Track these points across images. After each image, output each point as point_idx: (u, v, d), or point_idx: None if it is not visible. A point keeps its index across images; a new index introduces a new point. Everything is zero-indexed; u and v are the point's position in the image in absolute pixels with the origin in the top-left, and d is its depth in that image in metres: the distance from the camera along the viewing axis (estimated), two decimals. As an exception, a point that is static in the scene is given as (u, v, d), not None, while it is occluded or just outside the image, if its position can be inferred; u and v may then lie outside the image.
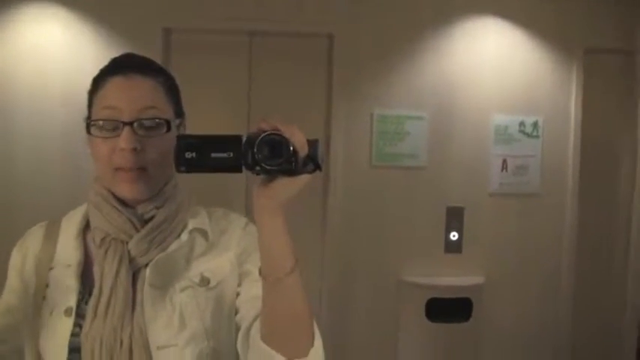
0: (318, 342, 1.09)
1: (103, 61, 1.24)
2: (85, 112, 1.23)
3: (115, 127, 1.15)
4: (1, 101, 3.30)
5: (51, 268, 1.23)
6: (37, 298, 1.21)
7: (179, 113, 1.24)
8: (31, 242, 1.28)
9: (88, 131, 1.18)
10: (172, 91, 1.24)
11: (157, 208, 1.21)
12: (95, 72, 1.23)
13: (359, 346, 3.43)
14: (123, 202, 1.20)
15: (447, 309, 3.25)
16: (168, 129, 1.18)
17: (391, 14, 3.35)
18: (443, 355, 3.26)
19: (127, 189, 1.17)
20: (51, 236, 1.27)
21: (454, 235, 3.36)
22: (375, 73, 3.38)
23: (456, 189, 3.38)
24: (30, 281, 1.24)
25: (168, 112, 1.20)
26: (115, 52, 1.28)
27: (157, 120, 1.17)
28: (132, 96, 1.17)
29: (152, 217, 1.21)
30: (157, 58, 3.27)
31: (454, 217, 3.36)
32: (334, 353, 3.38)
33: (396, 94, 3.39)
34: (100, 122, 1.16)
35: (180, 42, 3.36)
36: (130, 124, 1.14)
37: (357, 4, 3.35)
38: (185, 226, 1.24)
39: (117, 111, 1.15)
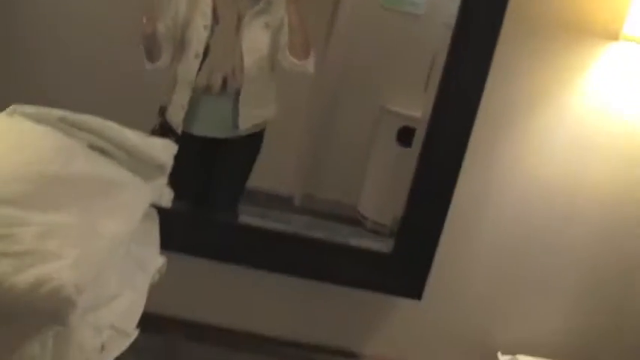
0: (312, 52, 2.48)
1: None
2: None
3: None
4: None
5: (197, 1, 2.37)
6: (190, 15, 2.37)
7: None
8: None
9: None
10: None
11: None
12: None
13: (335, 151, 4.04)
14: None
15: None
16: None
17: None
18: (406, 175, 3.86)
19: None
20: None
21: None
22: None
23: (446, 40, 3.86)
24: (184, 5, 2.33)
25: None
26: None
27: None
28: None
29: None
30: None
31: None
32: (309, 157, 3.99)
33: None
34: None
35: None
36: None
37: None
38: None
39: None
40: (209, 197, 2.80)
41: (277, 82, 2.66)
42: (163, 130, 2.57)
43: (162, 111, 2.60)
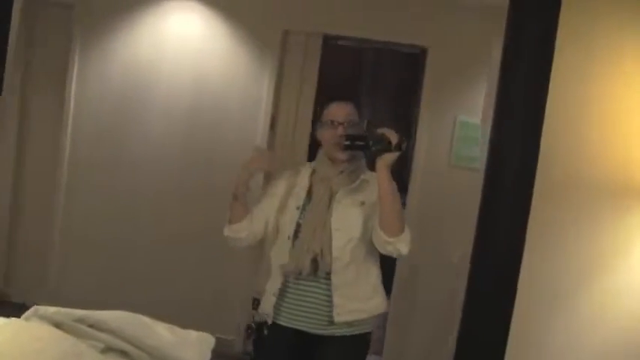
0: (407, 230, 2.25)
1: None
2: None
3: (334, 124, 2.33)
4: (146, 80, 4.06)
5: (294, 187, 2.41)
6: (285, 201, 2.39)
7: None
8: (285, 177, 2.47)
9: (320, 124, 2.41)
10: (358, 110, 2.43)
11: (347, 166, 2.36)
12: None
13: (416, 321, 3.91)
14: (330, 162, 2.38)
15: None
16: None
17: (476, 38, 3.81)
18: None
19: (341, 154, 2.32)
20: (296, 174, 2.45)
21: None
22: (461, 84, 3.88)
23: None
24: (281, 194, 2.42)
25: (357, 119, 2.39)
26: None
27: (354, 122, 2.36)
28: (344, 111, 2.36)
29: (343, 170, 2.35)
30: (275, 56, 3.93)
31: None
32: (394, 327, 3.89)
33: (478, 103, 3.83)
34: (330, 121, 2.35)
35: (295, 42, 3.97)
36: (343, 123, 2.33)
37: (450, 25, 3.88)
38: (358, 177, 2.36)
39: (337, 117, 2.35)
40: None
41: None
42: (258, 325, 2.44)
43: (257, 304, 2.51)
